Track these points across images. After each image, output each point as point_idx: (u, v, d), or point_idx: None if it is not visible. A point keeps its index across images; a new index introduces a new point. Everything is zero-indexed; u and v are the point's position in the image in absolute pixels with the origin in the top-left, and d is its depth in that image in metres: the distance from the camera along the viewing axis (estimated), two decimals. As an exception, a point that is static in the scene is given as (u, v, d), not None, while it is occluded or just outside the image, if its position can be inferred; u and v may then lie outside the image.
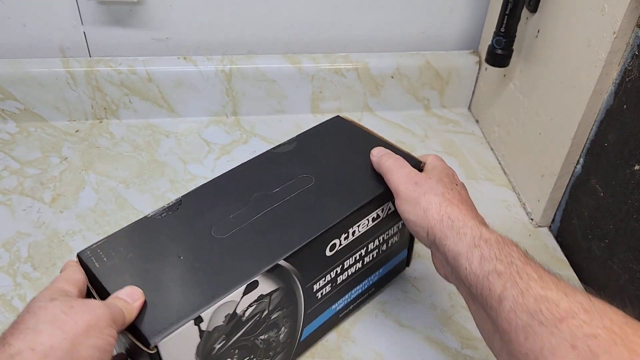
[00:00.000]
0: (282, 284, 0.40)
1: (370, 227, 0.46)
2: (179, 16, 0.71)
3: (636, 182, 0.48)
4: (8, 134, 0.71)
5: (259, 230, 0.41)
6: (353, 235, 0.44)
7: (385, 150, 0.47)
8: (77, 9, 0.68)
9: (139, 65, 0.71)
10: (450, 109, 0.80)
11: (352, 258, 0.46)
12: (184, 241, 0.40)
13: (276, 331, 0.43)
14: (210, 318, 0.36)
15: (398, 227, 0.50)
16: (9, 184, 0.64)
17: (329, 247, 0.43)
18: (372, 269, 0.50)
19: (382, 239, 0.49)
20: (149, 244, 0.40)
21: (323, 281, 0.44)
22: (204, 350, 0.37)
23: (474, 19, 0.76)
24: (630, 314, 0.31)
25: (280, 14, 0.72)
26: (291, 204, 0.44)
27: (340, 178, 0.46)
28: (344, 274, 0.47)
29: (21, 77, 0.69)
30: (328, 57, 0.75)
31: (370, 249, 0.48)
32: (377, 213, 0.46)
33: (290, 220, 0.42)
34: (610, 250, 0.52)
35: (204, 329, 0.36)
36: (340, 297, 0.48)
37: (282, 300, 0.41)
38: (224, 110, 0.76)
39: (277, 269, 0.39)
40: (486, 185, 0.67)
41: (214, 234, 0.41)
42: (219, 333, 0.38)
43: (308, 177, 0.46)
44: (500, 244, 0.37)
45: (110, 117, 0.74)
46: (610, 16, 0.48)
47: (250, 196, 0.44)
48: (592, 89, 0.51)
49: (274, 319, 0.42)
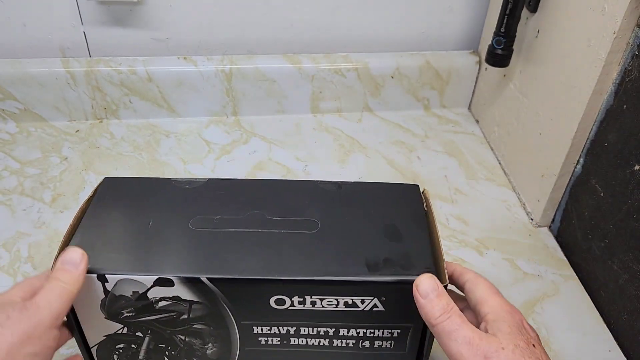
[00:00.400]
0: (205, 301, 0.39)
1: (340, 309, 0.39)
2: (179, 16, 0.71)
3: (636, 182, 0.48)
4: (8, 134, 0.71)
5: (223, 243, 0.40)
6: (312, 305, 0.39)
7: (437, 288, 0.36)
8: (77, 9, 0.68)
9: (139, 65, 0.71)
10: (450, 109, 0.80)
11: (312, 329, 0.41)
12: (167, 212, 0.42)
13: (200, 342, 0.42)
14: (115, 284, 0.38)
15: (392, 334, 0.41)
16: (9, 184, 0.64)
17: (274, 300, 0.39)
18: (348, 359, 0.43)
19: (362, 333, 0.41)
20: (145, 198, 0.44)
21: (267, 330, 0.41)
22: (110, 309, 0.39)
23: (474, 19, 0.76)
24: (630, 313, 0.31)
25: (280, 14, 0.72)
26: (273, 237, 0.41)
27: (342, 242, 0.40)
28: (301, 340, 0.41)
29: (21, 77, 0.69)
30: (328, 57, 0.75)
31: (343, 335, 0.41)
32: (353, 300, 0.38)
33: (255, 251, 0.40)
34: (610, 250, 0.52)
35: (109, 289, 0.38)
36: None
37: (207, 317, 0.40)
38: (224, 110, 0.76)
39: (198, 284, 0.38)
40: (486, 185, 0.68)
41: (190, 225, 0.41)
42: (127, 303, 0.39)
43: (315, 223, 0.42)
44: None
45: (111, 117, 0.74)
46: (610, 16, 0.48)
47: (251, 210, 0.43)
48: (592, 89, 0.51)
49: (196, 328, 0.41)
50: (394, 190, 0.45)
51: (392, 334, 0.41)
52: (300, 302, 0.39)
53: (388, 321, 0.40)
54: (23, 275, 0.54)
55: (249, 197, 0.44)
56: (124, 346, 0.42)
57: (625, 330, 0.51)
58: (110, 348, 0.42)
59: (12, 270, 0.54)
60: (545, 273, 0.57)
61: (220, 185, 0.46)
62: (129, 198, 0.44)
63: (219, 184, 0.46)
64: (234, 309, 0.39)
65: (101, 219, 0.42)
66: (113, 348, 0.42)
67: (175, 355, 0.42)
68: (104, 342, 0.41)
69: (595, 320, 0.53)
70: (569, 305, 0.54)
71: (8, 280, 0.53)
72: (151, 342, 0.42)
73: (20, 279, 0.54)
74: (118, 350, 0.42)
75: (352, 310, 0.39)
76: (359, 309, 0.39)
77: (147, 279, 0.38)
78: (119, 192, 0.44)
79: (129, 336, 0.41)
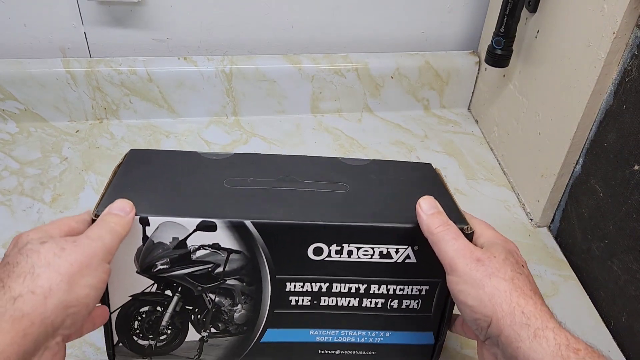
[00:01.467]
0: (245, 250, 0.39)
1: (374, 261, 0.40)
2: (180, 16, 0.71)
3: (636, 182, 0.48)
4: (8, 134, 0.71)
5: (260, 197, 0.41)
6: (349, 255, 0.40)
7: (437, 207, 0.39)
8: (77, 9, 0.69)
9: (139, 66, 0.71)
10: (449, 109, 0.80)
11: (344, 285, 0.42)
12: (199, 175, 0.43)
13: (230, 302, 0.41)
14: (157, 228, 0.38)
15: (420, 291, 0.42)
16: (9, 184, 0.64)
17: (313, 249, 0.40)
18: (373, 323, 0.44)
19: (392, 290, 0.42)
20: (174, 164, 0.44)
21: (300, 287, 0.41)
22: (144, 260, 0.39)
23: (474, 19, 0.76)
24: (630, 314, 0.31)
25: (280, 14, 0.72)
26: (307, 194, 0.42)
27: (374, 199, 0.42)
28: (331, 299, 0.42)
29: (22, 78, 0.69)
30: (328, 57, 0.75)
31: (373, 293, 0.42)
32: (388, 249, 0.40)
33: (292, 203, 0.40)
34: (610, 251, 0.52)
35: (148, 234, 0.38)
36: (322, 326, 0.43)
37: (243, 270, 0.40)
38: (224, 111, 0.76)
39: (242, 229, 0.38)
40: (486, 185, 0.68)
41: (225, 183, 0.42)
42: (163, 252, 0.39)
43: (345, 186, 0.43)
44: (594, 358, 0.30)
45: (111, 118, 0.74)
46: (610, 16, 0.48)
47: (282, 175, 0.43)
48: (591, 89, 0.51)
49: (229, 285, 0.40)
50: (411, 167, 0.49)
51: (420, 291, 0.42)
52: (338, 251, 0.39)
53: (418, 275, 0.41)
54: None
55: (278, 166, 0.45)
56: (148, 309, 0.41)
57: (624, 331, 0.51)
58: (133, 312, 0.41)
59: (12, 270, 0.54)
60: (545, 273, 0.57)
61: (248, 158, 0.47)
62: (159, 163, 0.44)
63: (246, 157, 0.47)
64: (272, 259, 0.40)
65: (134, 176, 0.42)
66: (136, 312, 0.41)
67: (200, 320, 0.42)
68: (128, 304, 0.40)
69: (595, 320, 0.53)
70: (568, 306, 0.54)
71: (8, 280, 0.53)
72: (179, 302, 0.41)
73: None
74: (141, 314, 0.41)
75: (386, 261, 0.40)
76: (393, 260, 0.40)
77: (190, 222, 0.38)
78: (147, 160, 0.45)
79: (156, 295, 0.40)
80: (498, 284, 0.34)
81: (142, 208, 0.38)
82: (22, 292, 0.30)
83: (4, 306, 0.29)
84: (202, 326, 0.42)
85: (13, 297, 0.30)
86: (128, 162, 0.44)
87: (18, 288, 0.30)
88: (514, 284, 0.34)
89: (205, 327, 0.42)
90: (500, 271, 0.35)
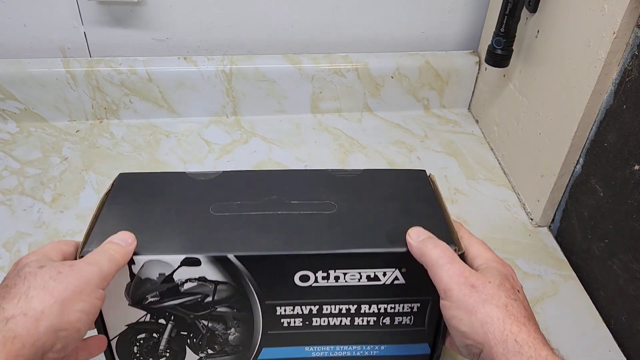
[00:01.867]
0: (231, 281, 0.39)
1: (362, 284, 0.40)
2: (179, 16, 0.71)
3: (636, 182, 0.48)
4: (8, 134, 0.71)
5: (245, 224, 0.41)
6: (336, 280, 0.40)
7: (426, 233, 0.39)
8: (77, 9, 0.69)
9: (139, 66, 0.71)
10: (450, 109, 0.80)
11: (334, 307, 0.42)
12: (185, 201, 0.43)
13: (223, 327, 0.42)
14: (142, 266, 0.38)
15: (412, 308, 0.42)
16: (9, 184, 0.64)
17: (299, 276, 0.40)
18: (367, 339, 0.44)
19: (383, 309, 0.42)
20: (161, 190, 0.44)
21: (291, 310, 0.41)
22: (134, 294, 0.39)
23: (474, 19, 0.76)
24: (630, 313, 0.31)
25: (280, 14, 0.72)
26: (293, 219, 0.42)
27: (361, 220, 0.42)
28: (323, 320, 0.42)
29: (22, 77, 0.69)
30: (328, 57, 0.75)
31: (364, 312, 0.42)
32: (375, 273, 0.40)
33: (278, 230, 0.40)
34: (610, 250, 0.52)
35: (135, 272, 0.38)
36: (316, 342, 0.44)
37: (232, 298, 0.40)
38: (224, 111, 0.76)
39: (226, 262, 0.38)
40: (486, 185, 0.68)
41: (211, 210, 0.42)
42: (152, 287, 0.39)
43: (332, 205, 0.43)
44: None
45: (111, 117, 0.74)
46: (610, 16, 0.48)
47: (269, 195, 0.43)
48: (591, 89, 0.51)
49: (219, 311, 0.41)
50: (403, 175, 0.48)
51: (411, 308, 0.42)
52: (324, 277, 0.39)
53: (408, 294, 0.41)
54: (23, 275, 0.54)
55: (266, 185, 0.45)
56: (145, 336, 0.42)
57: (625, 330, 0.51)
58: (131, 339, 0.42)
59: (13, 270, 0.54)
60: (545, 273, 0.57)
61: (235, 176, 0.46)
62: (146, 190, 0.44)
63: (233, 175, 0.46)
64: (259, 287, 0.40)
65: (121, 209, 0.42)
66: (134, 339, 0.42)
67: (197, 344, 0.42)
68: (125, 332, 0.41)
69: (595, 320, 0.53)
70: (568, 306, 0.54)
71: (8, 280, 0.53)
72: (174, 329, 0.41)
73: (21, 278, 0.54)
74: (139, 341, 0.42)
75: (374, 284, 0.40)
76: (381, 282, 0.40)
77: (174, 259, 0.38)
78: (135, 186, 0.45)
79: (151, 324, 0.41)
80: (491, 311, 0.34)
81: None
82: (14, 313, 0.30)
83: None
84: (199, 348, 0.43)
85: (6, 318, 0.30)
86: (115, 190, 0.44)
87: (11, 309, 0.31)
88: (508, 311, 0.34)
89: (202, 349, 0.43)
90: (494, 298, 0.34)
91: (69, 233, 0.58)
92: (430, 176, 0.47)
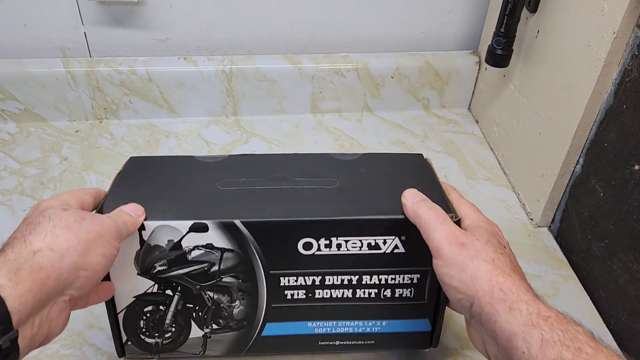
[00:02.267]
0: (237, 249, 0.41)
1: (363, 252, 0.42)
2: (179, 16, 0.71)
3: (636, 182, 0.48)
4: (8, 134, 0.71)
5: (251, 196, 0.42)
6: (338, 248, 0.41)
7: (421, 195, 0.41)
8: (77, 9, 0.69)
9: (139, 66, 0.71)
10: (450, 109, 0.80)
11: (336, 277, 0.43)
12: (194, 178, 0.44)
13: (228, 299, 0.43)
14: (152, 232, 0.40)
15: (412, 280, 0.44)
16: (9, 184, 0.64)
17: (302, 244, 0.41)
18: (369, 313, 0.45)
19: (384, 280, 0.43)
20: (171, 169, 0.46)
21: (294, 281, 0.42)
22: (143, 262, 0.41)
23: (474, 19, 0.76)
24: (630, 314, 0.31)
25: (280, 14, 0.72)
26: (297, 191, 0.43)
27: (362, 193, 0.43)
28: (325, 292, 0.43)
29: (22, 77, 0.69)
30: (328, 57, 0.75)
31: (365, 284, 0.43)
32: (376, 241, 0.41)
33: (282, 201, 0.42)
34: (610, 250, 0.52)
35: (145, 238, 0.40)
36: (319, 317, 0.45)
37: (237, 267, 0.41)
38: (224, 111, 0.76)
39: (232, 228, 0.40)
40: (486, 185, 0.68)
41: (218, 185, 0.43)
42: (160, 254, 0.40)
43: (334, 181, 0.44)
44: (563, 324, 0.32)
45: (111, 117, 0.74)
46: (610, 16, 0.48)
47: (274, 174, 0.45)
48: (591, 89, 0.51)
49: (225, 282, 0.42)
50: (401, 158, 0.50)
51: (411, 279, 0.44)
52: (327, 245, 0.41)
53: (408, 264, 0.42)
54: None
55: (270, 165, 0.46)
56: (151, 309, 0.43)
57: (625, 331, 0.51)
58: (138, 312, 0.43)
59: (12, 270, 0.54)
60: (545, 273, 0.57)
61: (242, 159, 0.48)
62: (156, 170, 0.46)
63: (240, 158, 0.48)
64: (264, 255, 0.41)
65: (132, 184, 0.44)
66: (141, 312, 0.43)
67: (202, 317, 0.43)
68: (132, 305, 0.42)
69: (595, 320, 0.53)
70: (568, 306, 0.53)
71: (8, 280, 0.53)
72: (180, 301, 0.42)
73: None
74: (145, 314, 0.43)
75: (374, 252, 0.42)
76: (381, 250, 0.42)
77: (183, 225, 0.40)
78: (145, 166, 0.46)
79: (158, 295, 0.42)
80: (479, 265, 0.36)
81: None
82: (41, 247, 0.32)
83: (24, 257, 0.32)
84: (204, 323, 0.44)
85: (33, 251, 0.32)
86: (127, 169, 0.46)
87: (38, 244, 0.33)
88: (495, 264, 0.36)
89: (207, 324, 0.44)
90: (482, 253, 0.36)
91: (68, 233, 0.59)
92: (427, 159, 0.49)
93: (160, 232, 0.40)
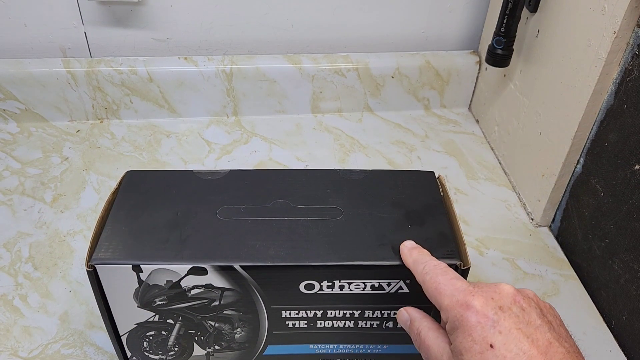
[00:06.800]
0: (237, 288, 0.40)
1: (367, 293, 0.41)
2: (180, 16, 0.71)
3: (636, 182, 0.48)
4: (9, 134, 0.71)
5: (251, 231, 0.41)
6: (341, 289, 0.40)
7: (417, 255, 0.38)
8: (77, 9, 0.69)
9: (139, 66, 0.71)
10: (450, 109, 0.80)
11: (339, 311, 0.42)
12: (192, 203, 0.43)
13: (230, 327, 0.43)
14: (150, 274, 0.39)
15: None
16: (10, 184, 0.64)
17: (304, 285, 0.40)
18: (371, 340, 0.44)
19: (387, 314, 0.42)
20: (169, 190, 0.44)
21: (295, 314, 0.42)
22: (143, 298, 0.40)
23: (474, 19, 0.76)
24: (631, 313, 0.31)
25: (280, 14, 0.72)
26: (299, 224, 0.42)
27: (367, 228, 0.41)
28: (327, 322, 0.43)
29: (22, 77, 0.69)
30: (328, 57, 0.75)
31: (368, 317, 0.43)
32: (380, 283, 0.40)
33: (283, 238, 0.41)
34: (611, 250, 0.52)
35: (143, 279, 0.39)
36: (321, 341, 0.44)
37: (238, 303, 0.41)
38: (224, 111, 0.76)
39: (231, 272, 0.39)
40: (486, 185, 0.68)
41: (218, 214, 0.42)
42: (160, 292, 0.40)
43: (338, 210, 0.43)
44: None
45: (111, 117, 0.74)
46: (611, 16, 0.48)
47: (275, 199, 0.44)
48: (592, 89, 0.51)
49: (226, 314, 0.42)
50: (411, 177, 0.47)
51: None
52: (329, 286, 0.40)
53: (412, 302, 0.41)
54: (24, 276, 0.54)
55: (272, 186, 0.45)
56: (154, 333, 0.43)
57: (625, 331, 0.51)
58: (141, 335, 0.43)
59: (13, 270, 0.55)
60: (546, 273, 0.57)
61: (243, 176, 0.46)
62: (154, 190, 0.45)
63: (241, 175, 0.46)
64: (265, 294, 0.40)
65: (129, 210, 0.43)
66: (143, 335, 0.43)
67: (204, 340, 0.43)
68: (135, 329, 0.42)
69: (596, 320, 0.53)
70: (569, 305, 0.54)
71: (9, 280, 0.54)
72: (181, 328, 0.42)
73: (22, 279, 0.54)
74: (148, 337, 0.43)
75: (378, 292, 0.40)
76: (385, 291, 0.40)
77: (181, 268, 0.39)
78: (142, 185, 0.45)
79: (159, 323, 0.42)
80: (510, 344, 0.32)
81: (135, 255, 0.39)
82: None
83: None
84: (207, 345, 0.44)
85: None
86: (124, 190, 0.44)
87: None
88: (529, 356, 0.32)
89: (209, 345, 0.44)
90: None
91: (69, 233, 0.59)
92: (439, 178, 0.46)
93: (158, 274, 0.39)
